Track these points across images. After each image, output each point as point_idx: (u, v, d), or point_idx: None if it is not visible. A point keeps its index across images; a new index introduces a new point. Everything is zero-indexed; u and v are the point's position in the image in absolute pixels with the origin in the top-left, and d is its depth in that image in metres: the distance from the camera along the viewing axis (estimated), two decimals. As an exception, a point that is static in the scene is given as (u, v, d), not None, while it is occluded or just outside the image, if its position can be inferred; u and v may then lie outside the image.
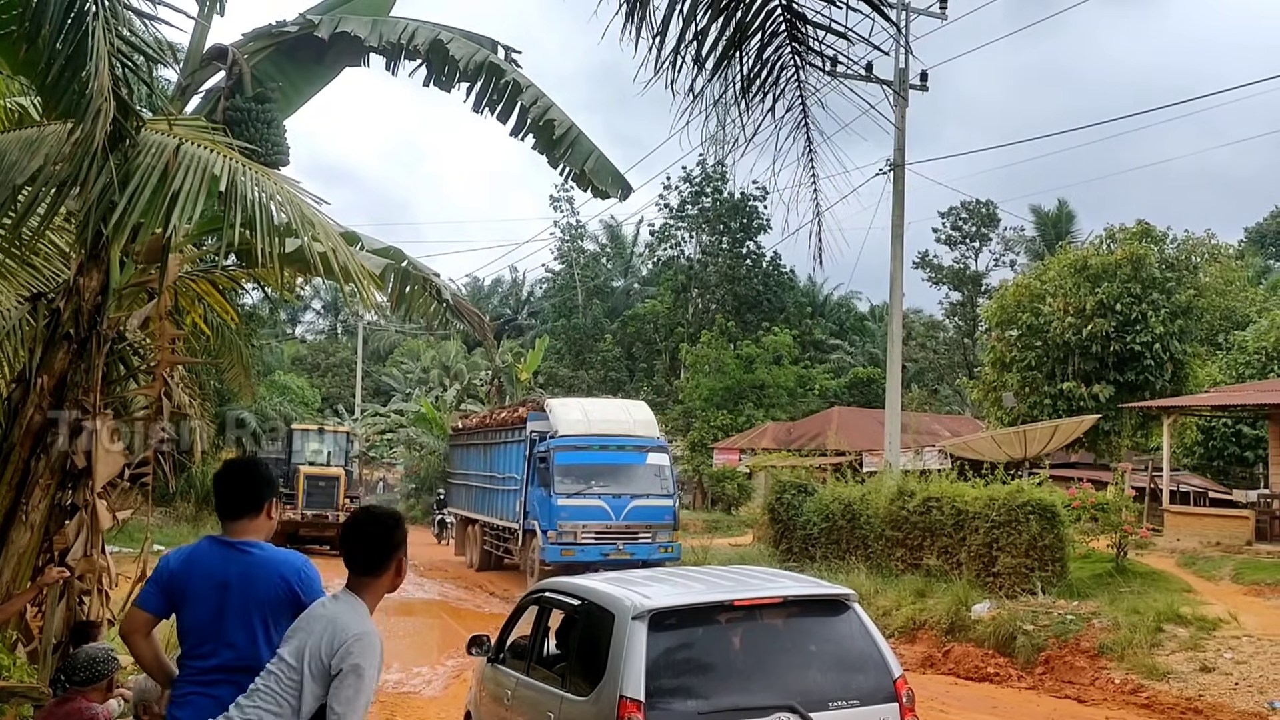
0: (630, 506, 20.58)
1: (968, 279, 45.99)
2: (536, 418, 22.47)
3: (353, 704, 3.81)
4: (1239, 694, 11.59)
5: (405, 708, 11.64)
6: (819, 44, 3.83)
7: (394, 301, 8.40)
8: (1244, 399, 24.72)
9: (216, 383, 22.15)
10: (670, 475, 21.77)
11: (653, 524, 20.73)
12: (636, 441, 21.66)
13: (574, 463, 20.76)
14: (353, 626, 3.88)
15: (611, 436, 21.45)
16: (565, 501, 20.28)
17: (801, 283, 49.46)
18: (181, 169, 5.52)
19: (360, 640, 3.86)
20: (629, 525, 20.54)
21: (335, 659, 3.82)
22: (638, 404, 25.41)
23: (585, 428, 21.39)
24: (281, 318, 65.42)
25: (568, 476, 20.59)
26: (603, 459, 21.09)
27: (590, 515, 20.35)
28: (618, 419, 22.26)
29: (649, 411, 23.85)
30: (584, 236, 52.08)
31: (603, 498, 20.52)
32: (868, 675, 5.91)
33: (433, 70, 8.37)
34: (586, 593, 6.60)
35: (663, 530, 20.87)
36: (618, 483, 20.86)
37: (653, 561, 19.56)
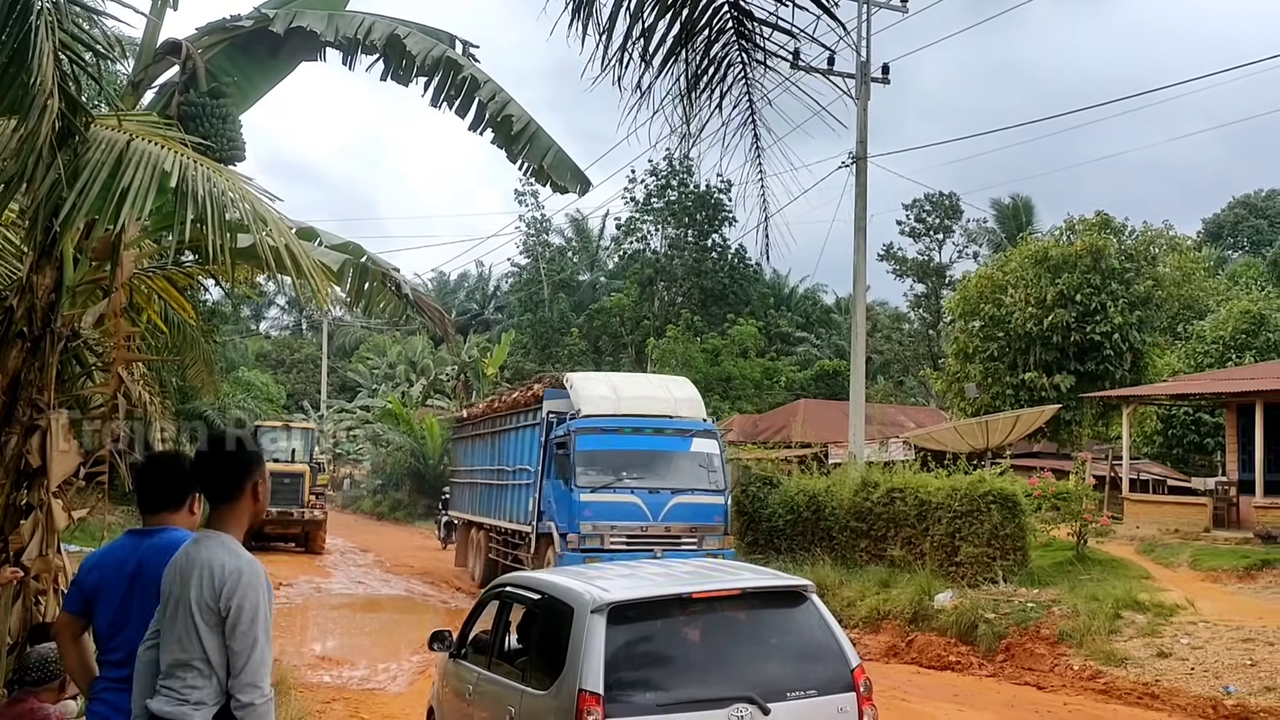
0: (671, 504, 16.77)
1: (932, 271, 46.30)
2: (555, 395, 18.66)
3: (248, 637, 3.85)
4: (1195, 679, 11.79)
5: (370, 704, 11.62)
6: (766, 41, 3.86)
7: (353, 297, 8.36)
8: (1202, 388, 25.09)
9: (179, 380, 21.95)
10: (720, 466, 17.70)
11: (698, 526, 16.80)
12: (678, 424, 17.70)
13: (600, 449, 17.00)
14: (228, 563, 3.88)
15: (647, 418, 17.56)
16: (589, 497, 16.53)
17: (767, 275, 49.63)
18: (132, 165, 5.48)
19: (240, 575, 3.87)
20: (669, 527, 16.64)
21: (221, 601, 3.83)
22: (678, 380, 21.14)
23: (614, 406, 17.62)
24: (245, 314, 64.88)
25: (592, 466, 16.83)
26: (636, 444, 17.28)
27: (621, 514, 16.56)
28: (654, 396, 18.35)
29: (693, 388, 19.59)
30: (549, 230, 52.01)
31: (636, 492, 16.67)
32: (826, 665, 5.96)
33: (390, 65, 8.32)
34: (546, 587, 6.62)
35: (711, 534, 16.84)
36: (655, 474, 17.10)
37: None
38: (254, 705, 3.86)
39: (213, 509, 4.09)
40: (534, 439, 18.86)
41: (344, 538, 33.20)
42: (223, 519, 4.05)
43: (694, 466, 17.38)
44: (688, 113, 4.06)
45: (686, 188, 45.86)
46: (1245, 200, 57.13)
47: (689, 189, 45.79)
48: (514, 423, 20.83)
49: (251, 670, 3.85)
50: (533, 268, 50.63)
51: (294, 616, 18.33)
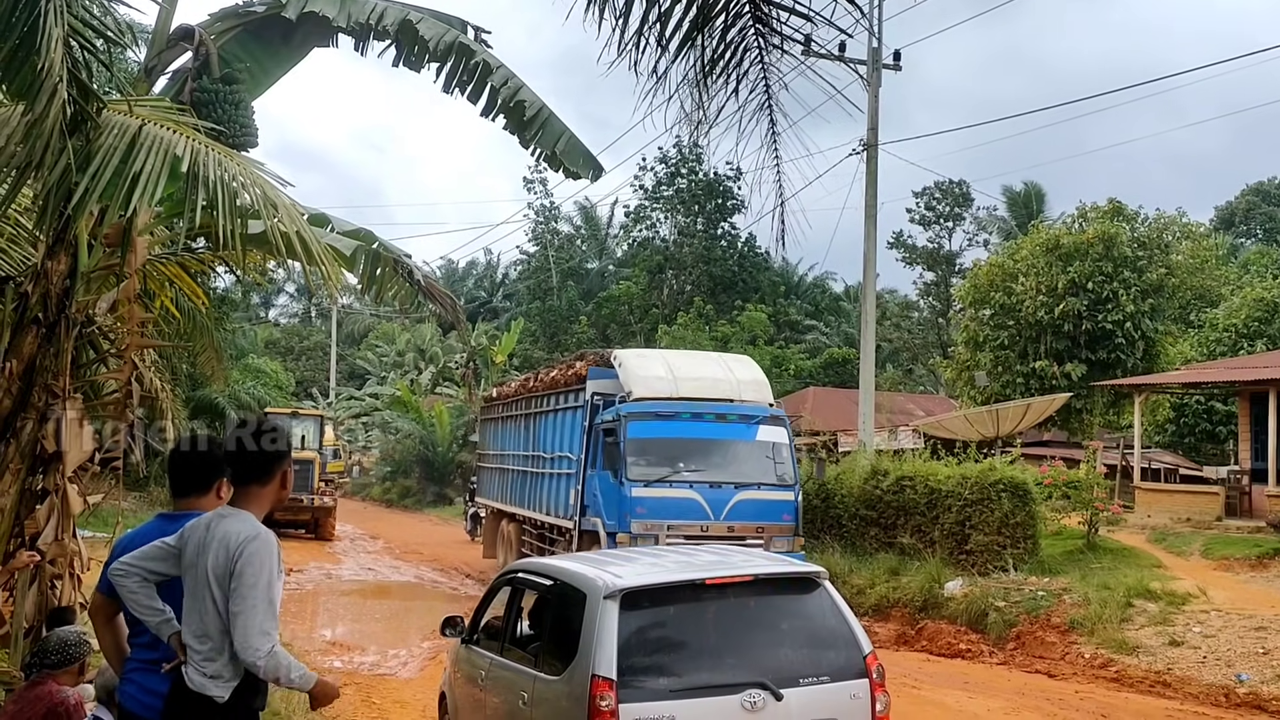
0: (735, 500, 14.89)
1: (942, 259, 46.16)
2: (601, 375, 16.75)
3: (244, 600, 3.93)
4: (1207, 667, 11.77)
5: (381, 689, 11.67)
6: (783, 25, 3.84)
7: (364, 283, 8.37)
8: (1215, 376, 24.99)
9: (189, 367, 22.00)
10: (790, 458, 15.80)
11: (765, 525, 14.97)
12: (743, 409, 15.81)
13: (654, 436, 15.18)
14: (243, 532, 4.01)
15: (708, 402, 15.73)
16: (642, 492, 14.67)
17: (776, 263, 49.51)
18: (143, 150, 5.49)
19: (253, 541, 4.00)
20: (732, 527, 14.80)
21: (233, 564, 3.94)
22: (741, 359, 19.00)
23: (670, 388, 15.69)
24: (255, 301, 65.00)
25: (645, 456, 15.01)
26: (695, 432, 15.45)
27: (678, 512, 14.67)
28: (716, 377, 16.39)
29: (758, 369, 17.69)
30: (558, 218, 51.93)
31: (696, 487, 14.84)
32: (838, 652, 5.97)
33: (402, 50, 8.32)
34: (559, 573, 6.63)
35: (780, 535, 15.01)
36: (716, 466, 15.25)
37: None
38: (256, 665, 3.94)
39: (238, 490, 4.17)
40: (576, 423, 17.06)
41: (353, 524, 33.30)
42: (247, 500, 4.19)
43: (760, 458, 15.51)
44: (702, 98, 4.05)
45: (696, 175, 45.76)
46: (1258, 188, 56.76)
47: (698, 177, 45.69)
48: (552, 404, 18.71)
49: (242, 631, 3.91)
50: (541, 255, 50.59)
51: (304, 602, 18.41)
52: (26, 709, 5.27)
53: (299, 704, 8.84)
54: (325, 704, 4.35)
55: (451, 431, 42.45)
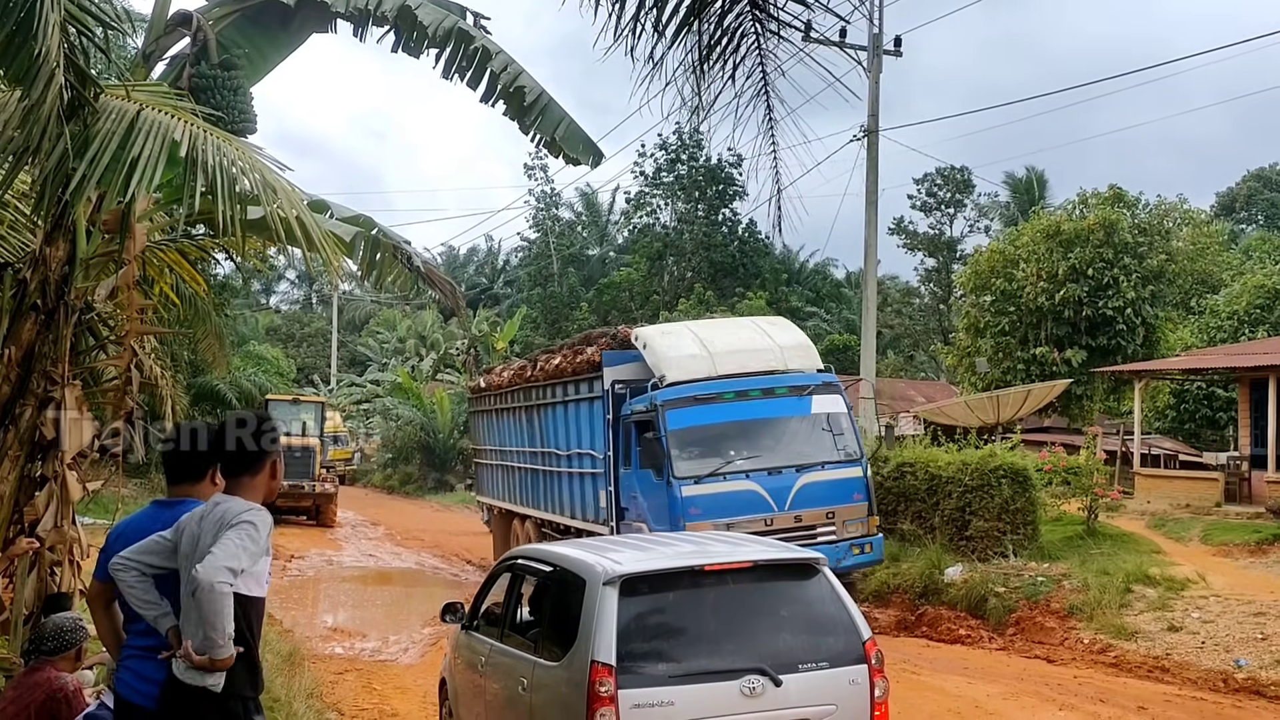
0: (799, 485, 13.36)
1: (943, 245, 46.11)
2: (619, 360, 14.91)
3: (229, 541, 3.91)
4: (1205, 653, 11.79)
5: (382, 675, 11.72)
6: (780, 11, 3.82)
7: (364, 269, 8.36)
8: (1215, 362, 24.98)
9: (190, 354, 22.03)
10: (851, 427, 14.23)
11: (836, 509, 13.48)
12: (792, 379, 14.09)
13: (698, 424, 13.55)
14: (241, 506, 4.06)
15: (753, 377, 14.04)
16: (694, 490, 13.06)
17: (777, 250, 49.47)
18: (141, 134, 5.48)
19: (251, 511, 4.05)
20: (800, 516, 13.27)
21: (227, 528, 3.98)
22: (778, 321, 17.01)
23: (708, 367, 14.06)
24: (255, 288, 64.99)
25: (691, 448, 13.43)
26: (743, 413, 13.78)
27: (737, 507, 13.05)
28: (755, 346, 14.61)
29: (798, 331, 15.91)
30: (559, 205, 51.86)
31: (753, 476, 13.27)
32: (837, 638, 5.99)
33: (401, 36, 8.30)
34: (558, 559, 6.64)
35: (853, 518, 13.60)
36: (772, 449, 13.66)
37: (845, 571, 12.76)
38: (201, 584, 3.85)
39: (230, 481, 4.20)
40: (594, 417, 15.33)
41: (355, 511, 33.36)
42: (239, 489, 4.22)
43: (818, 432, 13.92)
44: (699, 84, 4.03)
45: (696, 162, 45.68)
46: (1260, 173, 56.63)
47: (699, 163, 45.61)
48: (558, 395, 16.93)
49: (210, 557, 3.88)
50: (542, 242, 50.52)
51: (305, 589, 18.48)
52: (25, 695, 5.29)
53: (299, 690, 8.88)
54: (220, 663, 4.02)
55: (453, 418, 42.47)
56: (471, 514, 32.44)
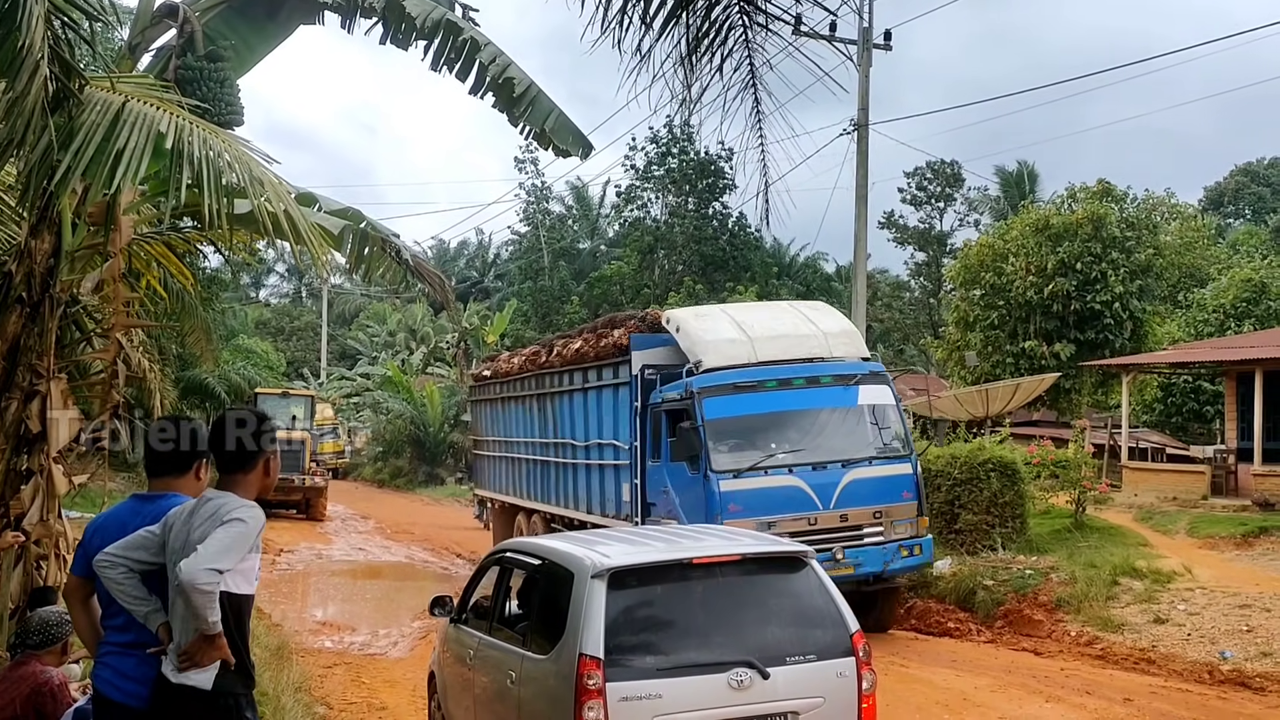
0: (845, 481, 12.50)
1: (933, 239, 46.19)
2: (648, 344, 14.01)
3: (217, 537, 3.88)
4: (1191, 644, 11.86)
5: (371, 669, 11.70)
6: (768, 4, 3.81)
7: (353, 263, 8.34)
8: (1202, 356, 25.08)
9: (178, 347, 21.95)
10: (900, 420, 13.41)
11: (884, 508, 12.62)
12: (837, 368, 13.24)
13: (738, 414, 12.66)
14: (235, 502, 4.04)
15: (796, 364, 13.13)
16: (733, 485, 12.18)
17: (768, 243, 49.48)
18: (127, 126, 5.44)
19: (245, 508, 4.02)
20: (846, 515, 12.43)
21: (219, 522, 3.96)
22: (819, 306, 16.13)
23: (747, 352, 13.17)
24: (245, 281, 64.82)
25: (730, 440, 12.56)
26: (785, 403, 12.89)
27: (779, 504, 12.23)
28: (798, 332, 13.69)
29: (842, 316, 15.03)
30: (549, 198, 51.78)
31: (797, 471, 12.41)
32: (825, 630, 5.99)
33: (389, 27, 8.27)
34: (547, 552, 6.64)
35: (902, 518, 12.73)
36: (816, 443, 12.78)
37: (891, 576, 12.75)
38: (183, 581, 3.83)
39: (224, 477, 4.16)
40: (619, 405, 14.43)
41: (345, 505, 33.32)
42: (233, 485, 4.19)
43: (866, 425, 13.14)
44: (688, 77, 4.02)
45: (687, 155, 45.64)
46: (1247, 168, 56.85)
47: (689, 156, 45.57)
48: (576, 382, 16.02)
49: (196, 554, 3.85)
50: (533, 235, 50.45)
51: (295, 583, 18.45)
52: (10, 689, 5.28)
53: (287, 684, 8.87)
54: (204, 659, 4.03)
55: (443, 412, 42.45)
56: (462, 508, 32.45)
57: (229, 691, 4.05)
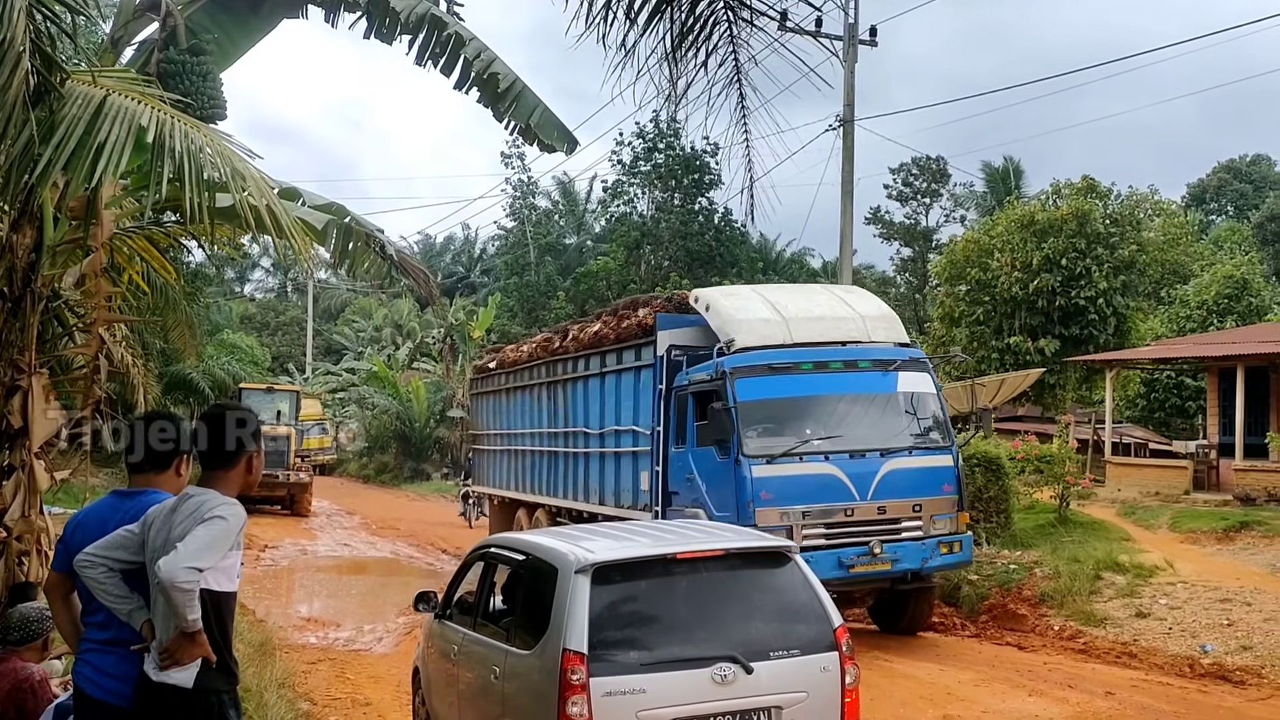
0: (884, 472, 11.85)
1: (919, 235, 46.28)
2: (675, 324, 13.50)
3: (197, 535, 3.86)
4: (1172, 638, 11.95)
5: (356, 665, 11.69)
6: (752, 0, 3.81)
7: (337, 258, 8.33)
8: (1184, 352, 25.24)
9: (161, 342, 21.84)
10: (941, 409, 12.77)
11: (924, 501, 11.97)
12: (876, 353, 12.71)
13: (772, 397, 12.04)
14: (217, 500, 4.03)
15: (830, 347, 12.58)
16: (765, 471, 11.51)
17: (754, 239, 49.51)
18: (108, 120, 5.42)
19: (226, 505, 4.01)
20: (883, 507, 11.80)
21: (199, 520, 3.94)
22: (856, 290, 15.66)
23: (782, 333, 12.56)
24: (229, 276, 64.56)
25: (763, 424, 11.91)
26: (821, 387, 12.27)
27: (814, 493, 11.62)
28: (835, 314, 13.15)
29: (879, 301, 14.59)
30: (536, 193, 51.70)
31: (833, 459, 11.77)
32: (809, 625, 6.00)
33: (373, 22, 8.25)
34: (531, 548, 6.64)
35: (941, 512, 12.06)
36: (853, 430, 12.15)
37: (929, 573, 12.26)
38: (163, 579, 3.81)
39: (205, 473, 4.14)
40: (642, 388, 13.80)
41: (330, 500, 33.25)
42: (214, 482, 4.16)
43: (905, 414, 12.52)
44: (673, 72, 4.02)
45: (674, 150, 45.63)
46: (1229, 165, 57.13)
47: (676, 152, 45.56)
48: (593, 367, 15.37)
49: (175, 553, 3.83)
50: (519, 231, 50.39)
51: (279, 579, 18.40)
52: (-8, 685, 5.25)
53: (270, 680, 8.85)
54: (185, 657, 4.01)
55: (429, 407, 42.36)
56: (448, 503, 32.45)
57: (210, 689, 4.03)
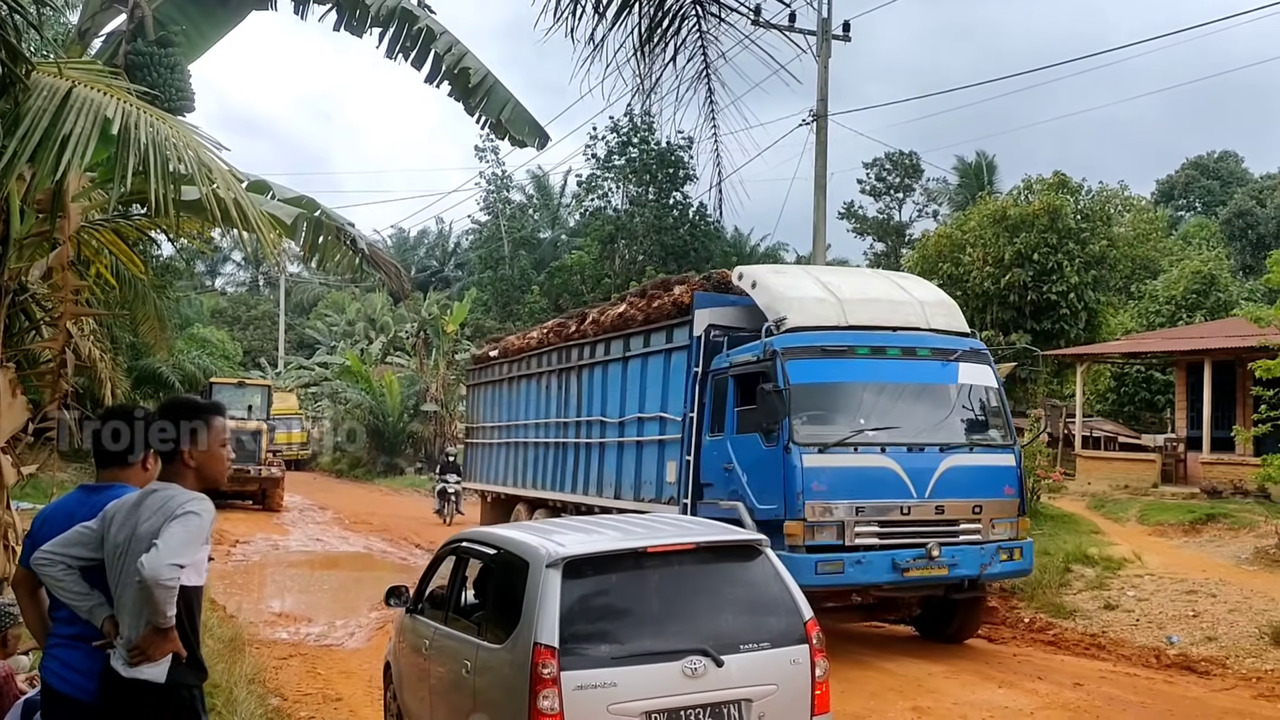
0: (943, 468, 11.03)
1: (891, 229, 46.52)
2: (712, 301, 12.68)
3: (174, 533, 3.84)
4: (1140, 630, 12.09)
5: (327, 660, 11.64)
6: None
7: (307, 251, 8.28)
8: (1153, 346, 25.51)
9: (130, 336, 21.66)
10: (1003, 404, 12.01)
11: (984, 502, 11.14)
12: (936, 341, 11.87)
13: (825, 381, 11.23)
14: (185, 495, 4.00)
15: (889, 332, 11.72)
16: (818, 460, 10.65)
17: (728, 234, 49.58)
18: (73, 111, 5.37)
19: (196, 501, 3.98)
20: (941, 506, 10.98)
21: (171, 518, 3.91)
22: (908, 275, 15.07)
23: (838, 314, 11.70)
24: (200, 270, 64.06)
25: (814, 409, 11.03)
26: (879, 374, 11.43)
27: (869, 487, 10.79)
28: (892, 298, 12.31)
29: (936, 288, 13.83)
30: (510, 187, 51.57)
31: (889, 452, 10.93)
32: (779, 618, 6.03)
33: (343, 15, 8.22)
34: (502, 542, 6.63)
35: (1001, 516, 11.22)
36: (910, 421, 11.33)
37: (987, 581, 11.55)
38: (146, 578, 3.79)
39: (165, 467, 4.15)
40: (673, 372, 12.92)
41: (302, 495, 33.07)
42: (173, 477, 4.15)
43: (964, 407, 11.75)
44: (640, 67, 4.02)
45: (648, 145, 45.62)
46: (1198, 161, 57.69)
47: (650, 146, 45.55)
48: (615, 351, 14.49)
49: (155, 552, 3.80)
50: (493, 225, 50.25)
51: (250, 574, 18.29)
52: (-43, 682, 5.21)
53: (240, 675, 8.81)
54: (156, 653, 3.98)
55: (402, 401, 42.22)
56: (422, 498, 32.36)
57: (183, 684, 4.02)
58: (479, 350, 21.92)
